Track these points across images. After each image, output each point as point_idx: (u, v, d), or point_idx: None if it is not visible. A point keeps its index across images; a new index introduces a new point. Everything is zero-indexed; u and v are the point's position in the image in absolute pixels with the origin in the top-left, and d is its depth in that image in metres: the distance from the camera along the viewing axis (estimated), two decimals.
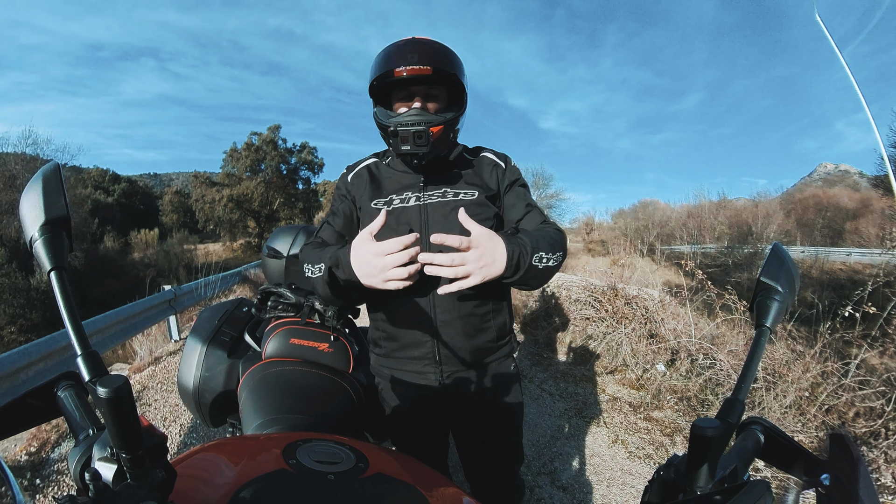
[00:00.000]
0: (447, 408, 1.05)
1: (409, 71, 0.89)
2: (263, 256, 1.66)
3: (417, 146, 0.91)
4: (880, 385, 2.31)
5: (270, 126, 29.35)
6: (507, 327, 1.07)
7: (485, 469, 1.12)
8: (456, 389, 1.02)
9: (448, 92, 1.00)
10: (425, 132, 0.90)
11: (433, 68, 0.90)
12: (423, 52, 0.91)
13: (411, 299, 0.97)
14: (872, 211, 19.09)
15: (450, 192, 1.00)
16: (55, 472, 2.21)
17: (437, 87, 0.97)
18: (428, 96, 0.97)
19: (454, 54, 0.96)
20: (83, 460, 0.40)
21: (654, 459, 2.35)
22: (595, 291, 4.27)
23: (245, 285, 7.52)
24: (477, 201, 1.00)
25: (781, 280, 0.53)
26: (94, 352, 0.43)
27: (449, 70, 0.92)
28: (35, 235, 0.46)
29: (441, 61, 0.92)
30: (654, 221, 24.73)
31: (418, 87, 0.96)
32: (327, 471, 0.54)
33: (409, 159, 0.97)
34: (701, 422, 0.40)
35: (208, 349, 1.26)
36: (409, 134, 0.90)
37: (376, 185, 1.04)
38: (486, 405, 1.05)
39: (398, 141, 0.92)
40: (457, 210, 0.96)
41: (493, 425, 1.06)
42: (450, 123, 0.95)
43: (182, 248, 24.14)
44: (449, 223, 0.97)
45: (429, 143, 0.91)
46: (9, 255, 13.01)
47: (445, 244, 0.78)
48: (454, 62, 0.94)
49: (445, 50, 0.95)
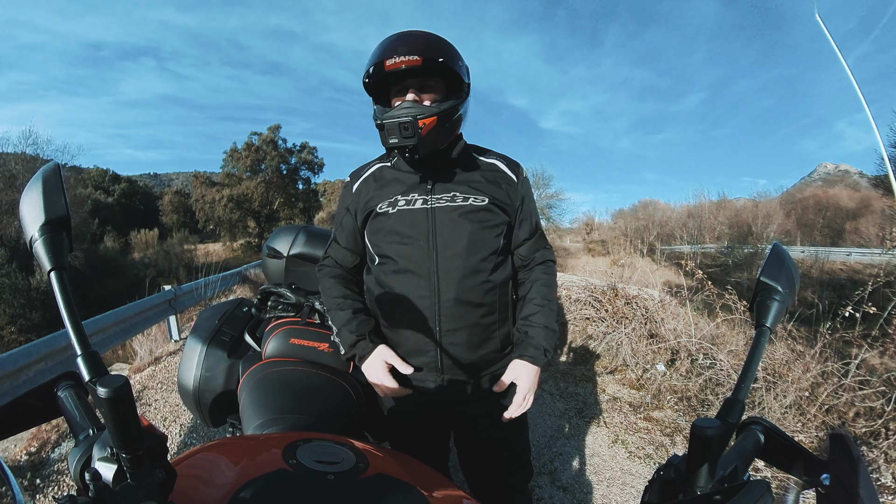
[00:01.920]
0: (447, 413, 1.04)
1: (399, 63, 0.86)
2: (263, 256, 1.66)
3: (404, 138, 0.87)
4: (880, 385, 2.30)
5: (270, 126, 29.36)
6: (511, 337, 1.05)
7: (488, 479, 1.10)
8: (457, 395, 1.01)
9: (446, 84, 0.96)
10: (412, 123, 0.86)
11: (423, 58, 0.86)
12: (412, 42, 0.88)
13: (417, 307, 0.96)
14: (872, 211, 19.09)
15: (459, 197, 0.97)
16: (55, 472, 2.20)
17: (432, 79, 0.93)
18: (424, 88, 0.93)
19: (447, 43, 0.92)
20: (83, 460, 0.40)
21: (654, 459, 2.35)
22: (595, 291, 4.27)
23: (245, 285, 7.51)
24: (486, 207, 0.98)
25: (781, 280, 0.53)
26: (94, 352, 0.43)
27: (438, 58, 0.87)
28: (35, 235, 0.46)
29: (431, 50, 0.88)
30: (654, 221, 24.73)
31: (412, 80, 0.92)
32: (327, 471, 0.54)
33: (401, 153, 0.93)
34: (701, 422, 0.40)
35: (208, 349, 1.26)
36: (394, 126, 0.87)
37: (381, 187, 1.02)
38: (488, 412, 1.03)
39: (385, 134, 0.89)
40: (465, 216, 0.96)
41: (495, 432, 1.04)
42: (444, 115, 0.90)
43: (182, 248, 24.12)
44: (457, 229, 0.95)
45: (416, 135, 0.87)
46: (9, 255, 13.00)
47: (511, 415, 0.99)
48: (446, 50, 0.91)
49: (437, 39, 0.91)
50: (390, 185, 1.01)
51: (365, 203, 1.02)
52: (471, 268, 0.95)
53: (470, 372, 1.00)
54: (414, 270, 0.95)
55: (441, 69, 0.90)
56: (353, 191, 1.05)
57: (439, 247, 0.95)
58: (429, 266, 0.95)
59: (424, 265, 0.95)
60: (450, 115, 0.92)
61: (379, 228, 1.00)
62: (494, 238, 0.99)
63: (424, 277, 0.95)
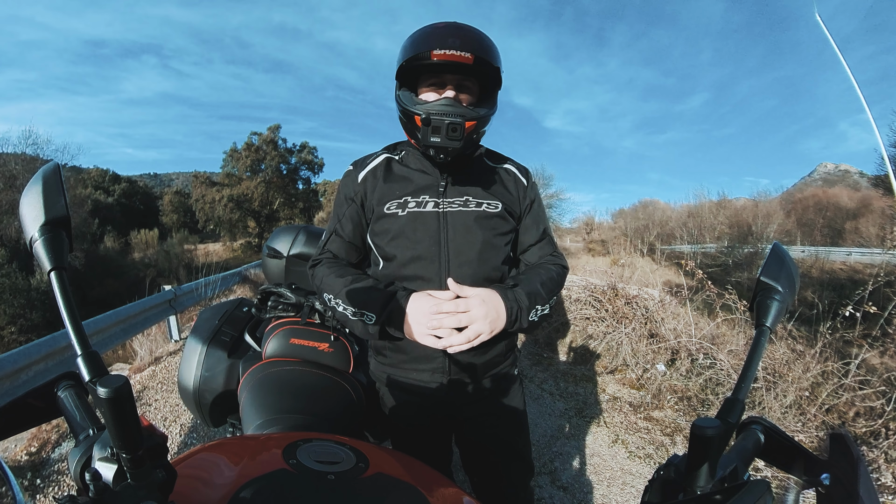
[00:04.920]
0: (450, 414, 1.03)
1: (449, 56, 0.81)
2: (263, 256, 1.66)
3: (450, 139, 0.83)
4: (880, 385, 2.31)
5: (270, 126, 29.40)
6: (514, 339, 1.06)
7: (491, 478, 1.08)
8: (461, 396, 1.00)
9: (480, 86, 0.91)
10: (461, 125, 0.82)
11: (475, 56, 0.81)
12: (465, 37, 0.82)
13: None
14: (872, 211, 19.08)
15: (472, 202, 0.93)
16: (55, 472, 2.20)
17: (470, 78, 0.89)
18: (462, 87, 0.88)
19: (495, 46, 0.87)
20: (83, 460, 0.40)
21: (655, 459, 2.35)
22: (595, 291, 4.27)
23: (245, 285, 7.51)
24: (499, 214, 0.95)
25: (781, 280, 0.53)
26: (95, 352, 0.43)
27: (492, 62, 0.83)
28: (35, 235, 0.46)
29: (484, 50, 0.83)
30: (654, 221, 24.71)
31: (452, 76, 0.87)
32: (328, 471, 0.54)
33: (437, 153, 0.86)
34: (701, 421, 0.40)
35: (208, 349, 1.26)
36: (442, 124, 0.82)
37: (390, 185, 0.95)
38: (490, 410, 1.03)
39: (428, 130, 0.83)
40: (478, 222, 0.93)
41: (497, 432, 1.04)
42: (482, 120, 0.87)
43: (182, 248, 24.11)
44: (470, 236, 0.92)
45: (462, 139, 0.83)
46: (9, 255, 13.00)
47: (461, 294, 0.84)
48: (497, 55, 0.86)
49: (488, 40, 0.86)
50: (399, 182, 0.96)
51: (371, 197, 0.96)
52: (482, 276, 0.93)
53: (474, 374, 0.99)
54: (423, 276, 0.92)
55: (488, 72, 0.86)
56: (359, 180, 0.98)
57: (451, 253, 0.92)
58: (439, 273, 0.91)
59: (435, 271, 0.92)
60: (485, 122, 0.90)
61: (386, 230, 0.95)
62: (505, 246, 0.98)
63: (434, 284, 0.91)
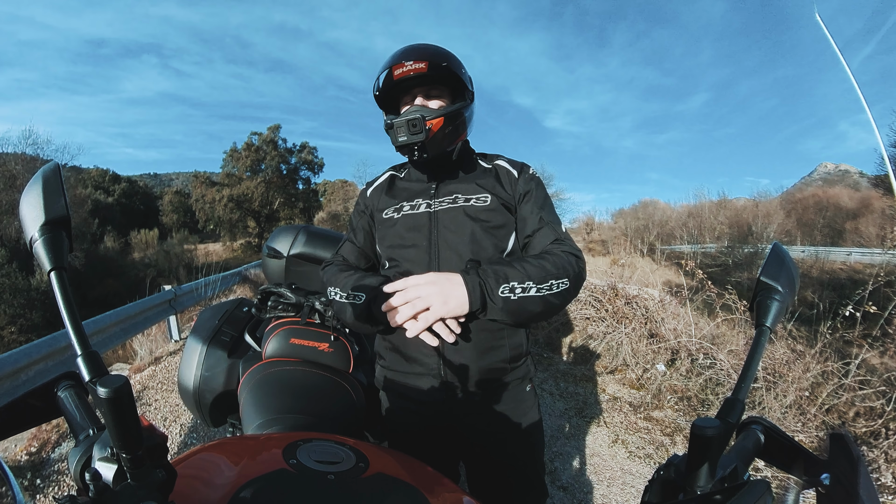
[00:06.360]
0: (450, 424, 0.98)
1: (407, 70, 0.94)
2: (263, 256, 1.66)
3: (412, 134, 0.92)
4: (880, 385, 2.31)
5: (270, 126, 29.46)
6: (522, 348, 1.00)
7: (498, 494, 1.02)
8: (462, 406, 0.96)
9: (452, 93, 1.02)
10: (420, 120, 0.92)
11: (429, 63, 0.94)
12: (419, 51, 0.96)
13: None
14: (872, 211, 19.07)
15: (461, 199, 0.98)
16: (55, 472, 2.21)
17: (438, 87, 1.00)
18: (430, 96, 0.99)
19: (450, 53, 0.99)
20: (83, 460, 0.40)
21: (655, 459, 2.35)
22: (595, 291, 4.27)
23: (245, 285, 7.52)
24: (490, 207, 0.97)
25: (781, 280, 0.53)
26: (95, 352, 0.43)
27: (442, 63, 0.95)
28: (35, 235, 0.46)
29: (436, 56, 0.95)
30: (654, 221, 24.73)
31: (419, 89, 0.99)
32: (328, 471, 0.54)
33: (411, 152, 0.96)
34: (701, 421, 0.40)
35: (208, 349, 1.26)
36: (403, 123, 0.92)
37: (391, 195, 1.06)
38: (497, 426, 0.98)
39: (395, 133, 0.94)
40: (468, 216, 0.96)
41: (505, 447, 0.99)
42: (450, 116, 0.96)
43: (182, 248, 24.12)
44: (459, 229, 0.95)
45: (424, 131, 0.92)
46: (9, 255, 13.00)
47: (395, 289, 0.86)
48: (452, 59, 0.98)
49: (441, 49, 0.99)
50: (399, 193, 1.06)
51: (376, 208, 1.07)
52: None
53: (474, 381, 0.95)
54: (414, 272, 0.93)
55: (445, 74, 0.97)
56: (368, 195, 1.11)
57: (441, 247, 0.95)
58: (430, 267, 0.93)
59: (425, 266, 0.94)
60: (455, 118, 0.97)
61: (385, 235, 1.03)
62: (500, 238, 0.97)
63: None
